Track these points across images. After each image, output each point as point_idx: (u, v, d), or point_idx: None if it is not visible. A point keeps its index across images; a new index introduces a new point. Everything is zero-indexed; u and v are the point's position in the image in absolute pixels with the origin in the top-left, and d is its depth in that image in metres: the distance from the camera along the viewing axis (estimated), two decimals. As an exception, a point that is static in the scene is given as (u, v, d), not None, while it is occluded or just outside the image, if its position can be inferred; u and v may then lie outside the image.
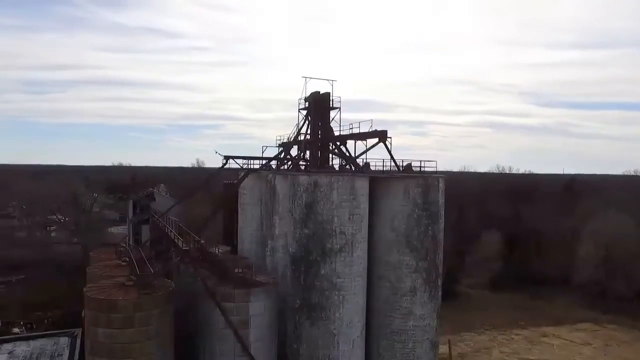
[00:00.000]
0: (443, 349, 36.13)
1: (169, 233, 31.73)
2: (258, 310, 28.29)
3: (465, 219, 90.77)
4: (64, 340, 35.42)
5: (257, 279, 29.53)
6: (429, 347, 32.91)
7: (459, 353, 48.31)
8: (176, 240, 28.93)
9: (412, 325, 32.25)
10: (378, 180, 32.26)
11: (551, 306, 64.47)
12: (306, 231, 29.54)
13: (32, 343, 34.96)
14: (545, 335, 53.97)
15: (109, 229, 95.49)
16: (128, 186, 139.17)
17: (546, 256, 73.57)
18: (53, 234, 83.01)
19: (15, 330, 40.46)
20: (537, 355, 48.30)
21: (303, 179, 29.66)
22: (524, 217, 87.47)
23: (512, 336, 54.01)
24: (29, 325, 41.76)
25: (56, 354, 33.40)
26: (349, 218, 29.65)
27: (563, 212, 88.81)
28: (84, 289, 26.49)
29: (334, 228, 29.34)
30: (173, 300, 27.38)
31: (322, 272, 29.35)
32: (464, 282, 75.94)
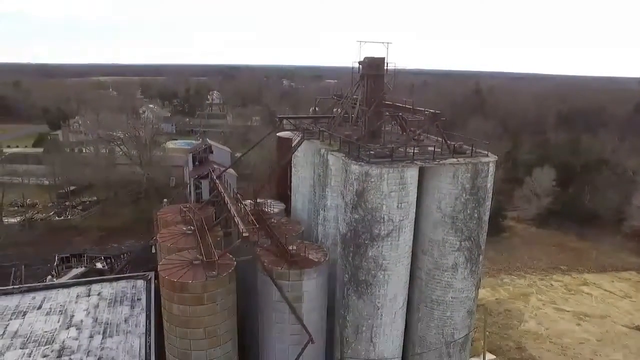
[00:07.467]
0: (482, 293, 37.56)
1: (228, 205, 34.17)
2: (310, 287, 31.26)
3: (519, 148, 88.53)
4: (141, 284, 40.67)
5: (309, 256, 32.11)
6: (465, 316, 35.51)
7: (496, 299, 51.03)
8: (235, 219, 31.32)
9: (452, 297, 34.61)
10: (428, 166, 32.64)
11: (597, 250, 64.67)
12: (356, 216, 31.12)
13: (114, 285, 40.45)
14: (585, 284, 55.30)
15: (166, 144, 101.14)
16: (183, 97, 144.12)
17: (600, 195, 72.10)
18: (119, 151, 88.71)
19: (99, 265, 46.29)
20: (573, 306, 50.17)
21: (354, 168, 30.51)
22: (583, 148, 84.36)
23: (552, 282, 55.74)
24: (108, 260, 47.56)
25: (136, 298, 38.74)
26: (398, 206, 30.81)
27: (629, 142, 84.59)
28: (158, 268, 30.02)
29: (382, 215, 30.71)
30: (235, 272, 30.63)
31: (370, 254, 31.39)
32: (511, 216, 76.66)
